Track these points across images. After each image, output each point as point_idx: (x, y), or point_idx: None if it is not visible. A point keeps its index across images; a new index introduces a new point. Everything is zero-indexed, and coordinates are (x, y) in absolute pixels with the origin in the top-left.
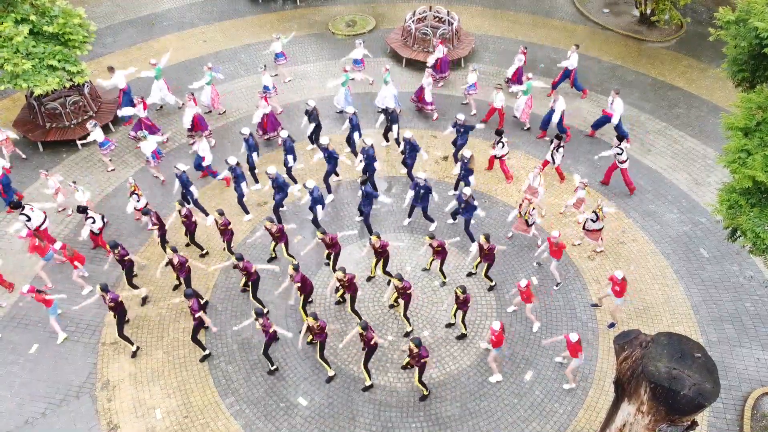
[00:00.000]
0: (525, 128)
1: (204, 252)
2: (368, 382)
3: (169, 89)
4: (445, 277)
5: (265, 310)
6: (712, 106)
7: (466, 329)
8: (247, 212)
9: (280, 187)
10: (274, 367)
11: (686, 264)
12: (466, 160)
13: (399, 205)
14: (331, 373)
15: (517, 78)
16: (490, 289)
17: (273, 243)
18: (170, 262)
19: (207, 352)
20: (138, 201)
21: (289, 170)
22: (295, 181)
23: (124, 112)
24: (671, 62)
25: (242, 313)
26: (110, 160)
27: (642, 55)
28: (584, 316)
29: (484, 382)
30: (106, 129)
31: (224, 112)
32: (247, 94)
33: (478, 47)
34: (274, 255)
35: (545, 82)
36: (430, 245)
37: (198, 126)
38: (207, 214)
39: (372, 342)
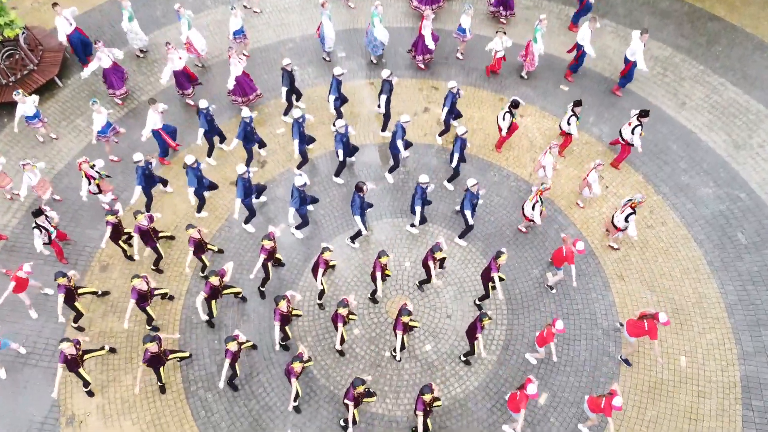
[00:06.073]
0: (523, 76)
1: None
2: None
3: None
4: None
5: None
6: (757, 42)
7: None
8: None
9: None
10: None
11: (721, 253)
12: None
13: (395, 194)
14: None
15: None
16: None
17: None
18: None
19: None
20: (99, 193)
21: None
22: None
23: (88, 70)
24: None
25: (224, 327)
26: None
27: None
28: (605, 323)
29: (493, 408)
30: (51, 85)
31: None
32: (216, 32)
33: None
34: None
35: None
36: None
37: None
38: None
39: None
